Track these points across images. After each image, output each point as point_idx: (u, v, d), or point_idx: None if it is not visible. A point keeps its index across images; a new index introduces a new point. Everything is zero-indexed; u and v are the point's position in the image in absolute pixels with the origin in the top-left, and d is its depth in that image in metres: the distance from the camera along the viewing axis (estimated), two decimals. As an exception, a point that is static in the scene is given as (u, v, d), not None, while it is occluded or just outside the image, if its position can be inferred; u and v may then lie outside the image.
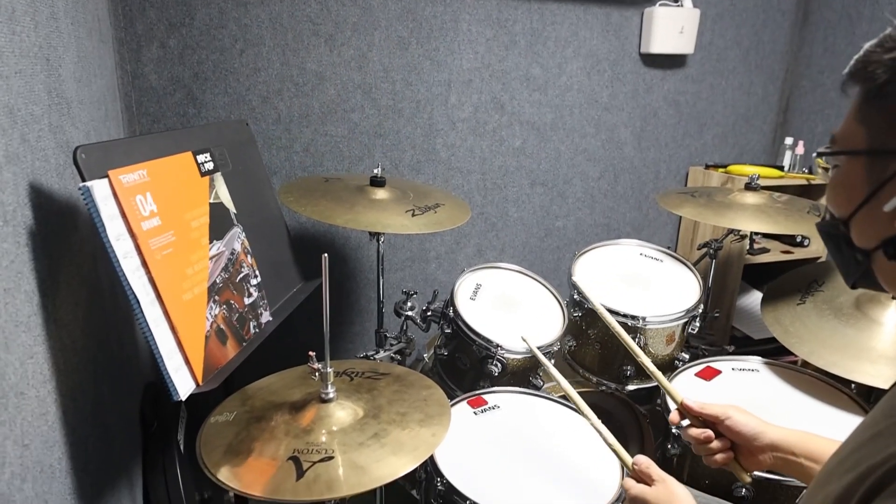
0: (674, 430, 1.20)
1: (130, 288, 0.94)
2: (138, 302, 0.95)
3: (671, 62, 2.64)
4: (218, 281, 1.19)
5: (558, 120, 2.52)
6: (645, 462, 0.99)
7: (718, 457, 1.07)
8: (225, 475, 0.98)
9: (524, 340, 1.50)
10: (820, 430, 1.10)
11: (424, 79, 2.27)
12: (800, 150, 2.69)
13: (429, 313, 1.88)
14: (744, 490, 1.40)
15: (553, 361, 1.77)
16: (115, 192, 0.96)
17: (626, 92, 2.60)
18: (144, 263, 0.99)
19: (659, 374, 1.21)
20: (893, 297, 1.61)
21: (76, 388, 1.02)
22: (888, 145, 0.61)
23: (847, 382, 1.59)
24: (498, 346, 1.67)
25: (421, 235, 2.43)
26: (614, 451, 1.07)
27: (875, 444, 0.60)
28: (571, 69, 2.47)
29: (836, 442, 0.74)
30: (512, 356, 1.69)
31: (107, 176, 0.96)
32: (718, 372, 1.73)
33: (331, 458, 1.00)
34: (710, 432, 1.07)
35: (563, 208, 2.65)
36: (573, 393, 1.20)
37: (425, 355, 1.96)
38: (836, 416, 1.54)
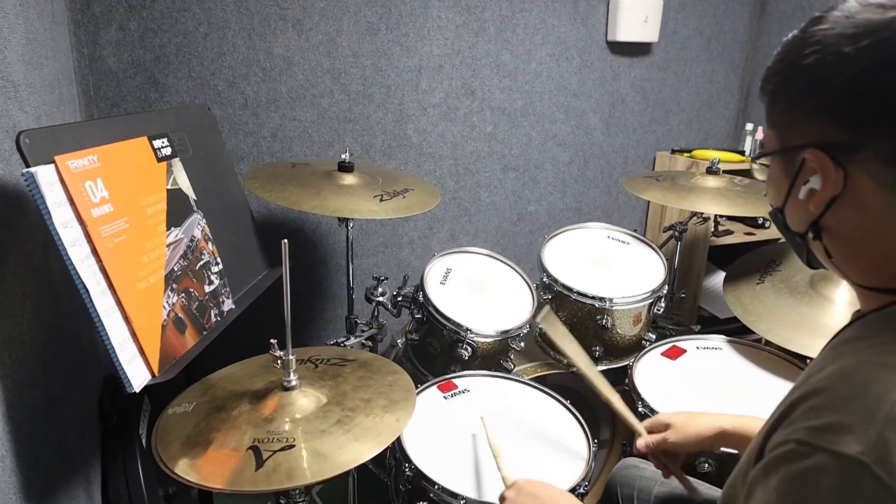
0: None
1: (79, 277, 0.92)
2: (87, 291, 0.92)
3: (637, 50, 2.65)
4: (176, 269, 1.16)
5: (528, 106, 2.51)
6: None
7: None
8: (182, 468, 0.96)
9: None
10: (776, 404, 1.14)
11: (395, 64, 2.25)
12: (759, 135, 2.74)
13: (399, 298, 1.87)
14: (706, 465, 1.43)
15: (524, 344, 1.79)
16: (63, 177, 0.93)
17: (594, 79, 2.60)
18: (95, 251, 0.96)
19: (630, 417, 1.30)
20: None
21: (23, 383, 0.99)
22: (791, 142, 0.70)
23: (803, 358, 1.63)
24: (468, 329, 1.66)
25: (393, 221, 2.42)
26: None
27: (789, 397, 0.66)
28: (541, 56, 2.47)
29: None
30: (482, 340, 1.69)
31: (53, 161, 0.93)
32: (684, 351, 1.76)
33: (292, 446, 0.99)
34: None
35: (535, 193, 2.65)
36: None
37: (399, 341, 1.95)
38: (792, 391, 1.58)
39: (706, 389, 1.59)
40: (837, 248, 0.70)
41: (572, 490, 1.27)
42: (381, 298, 1.90)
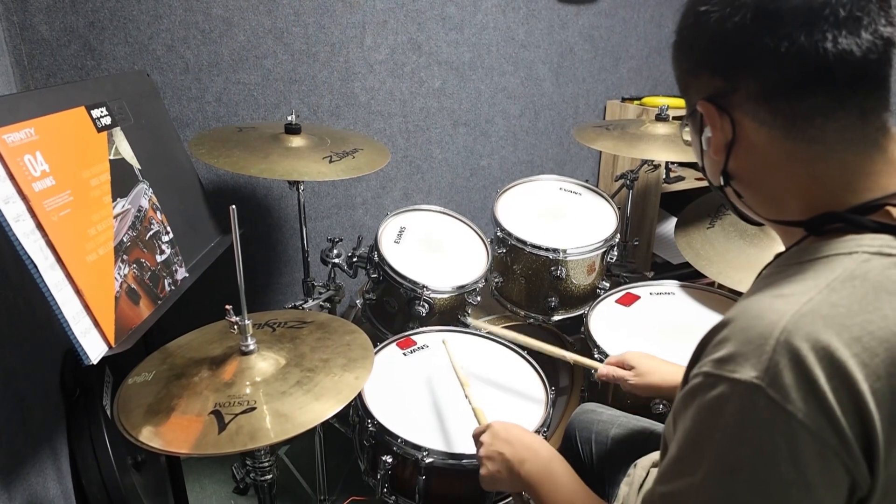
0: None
1: (25, 252, 0.91)
2: (36, 266, 0.92)
3: (584, -4, 2.65)
4: (125, 240, 1.15)
5: (476, 59, 2.50)
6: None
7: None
8: (146, 435, 0.97)
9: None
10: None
11: (338, 21, 2.20)
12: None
13: (354, 259, 1.89)
14: (661, 406, 1.51)
15: (480, 298, 1.83)
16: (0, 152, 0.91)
17: (541, 28, 2.59)
18: (40, 226, 0.95)
19: (575, 356, 1.43)
20: None
21: (-23, 362, 0.98)
22: (691, 103, 0.76)
23: (752, 299, 1.70)
24: (424, 286, 1.69)
25: (346, 182, 2.41)
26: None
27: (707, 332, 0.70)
28: (486, 7, 2.44)
29: None
30: (438, 296, 1.72)
31: (-13, 136, 0.91)
32: (637, 297, 1.82)
33: (253, 408, 1.01)
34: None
35: (487, 147, 2.66)
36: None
37: (358, 301, 1.98)
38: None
39: (659, 333, 1.66)
40: (744, 189, 0.75)
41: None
42: (336, 260, 1.90)
